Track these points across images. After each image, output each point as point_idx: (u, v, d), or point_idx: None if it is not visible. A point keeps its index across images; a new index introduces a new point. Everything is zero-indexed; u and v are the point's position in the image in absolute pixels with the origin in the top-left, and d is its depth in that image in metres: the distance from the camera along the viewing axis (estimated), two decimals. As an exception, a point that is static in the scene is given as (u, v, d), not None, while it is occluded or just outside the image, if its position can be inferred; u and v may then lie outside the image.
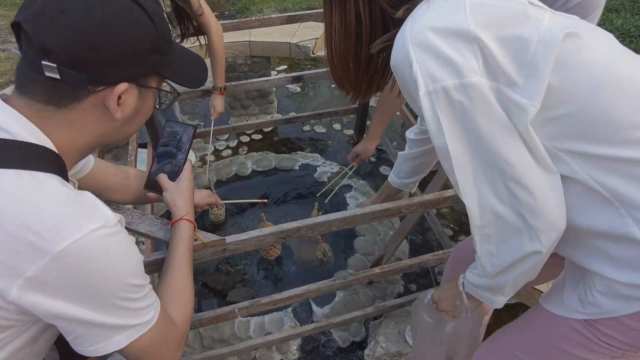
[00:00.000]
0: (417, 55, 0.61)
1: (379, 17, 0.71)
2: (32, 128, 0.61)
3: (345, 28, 0.73)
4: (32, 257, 0.54)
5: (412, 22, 0.64)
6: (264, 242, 1.07)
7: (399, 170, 1.25)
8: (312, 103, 3.20)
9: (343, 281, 1.39)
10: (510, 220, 0.63)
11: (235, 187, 2.40)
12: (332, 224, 1.11)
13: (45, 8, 0.58)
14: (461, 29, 0.59)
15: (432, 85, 0.60)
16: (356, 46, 0.75)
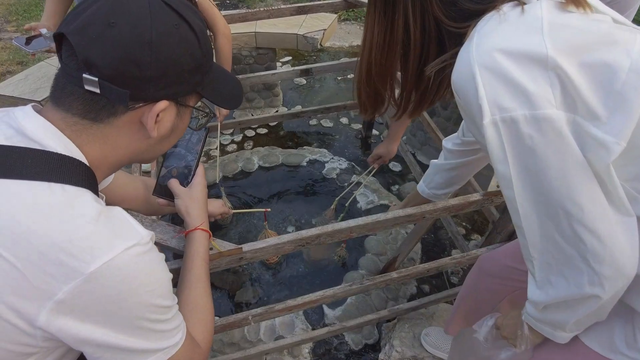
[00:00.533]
0: (485, 79, 0.54)
1: (432, 29, 0.64)
2: (65, 141, 0.58)
3: (389, 40, 0.67)
4: (63, 279, 0.51)
5: (480, 40, 0.57)
6: (282, 250, 1.02)
7: (431, 180, 1.16)
8: (318, 96, 3.13)
9: (360, 286, 1.34)
10: (571, 258, 0.57)
11: (242, 183, 2.34)
12: (352, 230, 1.05)
13: (92, 21, 0.56)
14: (537, 53, 0.52)
15: (499, 114, 0.54)
16: (403, 61, 0.68)
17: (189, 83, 0.63)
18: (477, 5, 0.61)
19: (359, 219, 1.05)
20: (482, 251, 1.45)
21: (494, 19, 0.58)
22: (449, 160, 1.11)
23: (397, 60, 0.69)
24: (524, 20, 0.56)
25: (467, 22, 0.61)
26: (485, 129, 0.55)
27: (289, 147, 2.60)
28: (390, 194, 2.26)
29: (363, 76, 0.73)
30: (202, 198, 0.93)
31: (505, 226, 1.42)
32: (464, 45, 0.60)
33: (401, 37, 0.65)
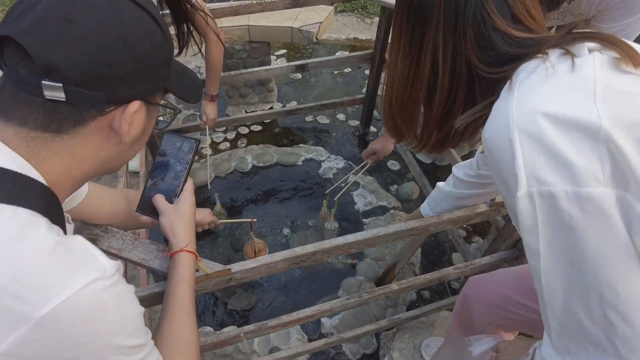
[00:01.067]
0: (524, 146, 0.48)
1: (464, 73, 0.58)
2: (18, 160, 0.51)
3: (414, 77, 0.61)
4: (8, 327, 0.43)
5: (522, 98, 0.50)
6: (275, 270, 0.94)
7: (437, 205, 1.08)
8: (314, 91, 3.03)
9: (358, 299, 1.27)
10: (597, 340, 0.50)
11: (235, 184, 2.26)
12: (351, 246, 0.98)
13: (46, 18, 0.49)
14: (588, 123, 0.45)
15: (537, 186, 0.47)
16: (427, 100, 0.62)
17: (158, 78, 0.58)
18: (517, 49, 0.54)
19: (358, 233, 0.98)
20: (486, 260, 1.38)
21: (539, 72, 0.50)
22: (458, 189, 1.02)
23: (420, 98, 0.63)
24: (574, 80, 0.48)
25: (503, 68, 0.54)
26: (519, 200, 0.49)
27: (284, 145, 2.51)
28: (389, 195, 2.19)
29: (386, 108, 0.68)
30: (190, 216, 0.85)
31: (510, 234, 1.35)
32: (501, 97, 0.52)
33: (427, 76, 0.59)
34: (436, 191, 1.09)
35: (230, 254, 2.09)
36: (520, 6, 0.56)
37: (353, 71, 3.20)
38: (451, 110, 0.62)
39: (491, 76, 0.56)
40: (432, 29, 0.57)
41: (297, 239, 2.12)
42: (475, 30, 0.56)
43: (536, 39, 0.55)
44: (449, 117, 0.63)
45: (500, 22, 0.55)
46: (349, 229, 2.10)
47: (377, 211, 2.08)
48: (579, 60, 0.50)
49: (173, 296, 0.76)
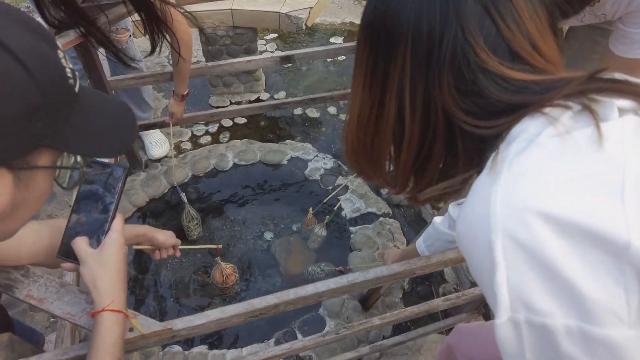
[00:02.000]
0: (509, 256, 0.33)
1: (440, 124, 0.43)
2: None
3: (377, 123, 0.47)
4: None
5: (511, 185, 0.35)
6: (229, 324, 0.79)
7: (432, 244, 0.93)
8: (305, 80, 2.83)
9: (336, 336, 1.13)
10: None
11: (213, 183, 2.09)
12: (322, 295, 0.83)
13: None
14: (611, 235, 0.30)
15: (525, 314, 0.33)
16: (395, 149, 0.48)
17: (23, 136, 0.41)
18: (515, 96, 0.39)
19: (330, 280, 0.83)
20: (481, 291, 1.24)
21: (541, 143, 0.35)
22: (453, 231, 0.86)
23: (386, 146, 0.48)
24: (593, 162, 0.32)
25: (498, 121, 0.39)
26: (498, 328, 0.35)
27: (270, 140, 2.34)
28: (380, 199, 2.03)
29: (347, 150, 0.54)
30: (117, 262, 0.69)
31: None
32: (482, 175, 0.38)
33: (391, 123, 0.45)
34: (432, 228, 0.93)
35: (208, 260, 1.95)
36: (521, 39, 0.40)
37: (347, 59, 2.99)
38: (425, 166, 0.48)
39: (477, 131, 0.41)
40: (398, 67, 0.43)
41: (279, 245, 1.97)
42: (454, 72, 0.40)
43: (544, 82, 0.39)
44: (425, 170, 0.48)
45: (490, 61, 0.39)
46: (334, 238, 1.95)
47: (366, 218, 1.93)
48: (606, 127, 0.34)
49: None
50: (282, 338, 1.55)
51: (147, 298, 1.78)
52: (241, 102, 2.57)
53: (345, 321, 1.57)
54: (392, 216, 1.97)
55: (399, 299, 1.70)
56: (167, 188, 2.00)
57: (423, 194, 0.49)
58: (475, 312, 1.53)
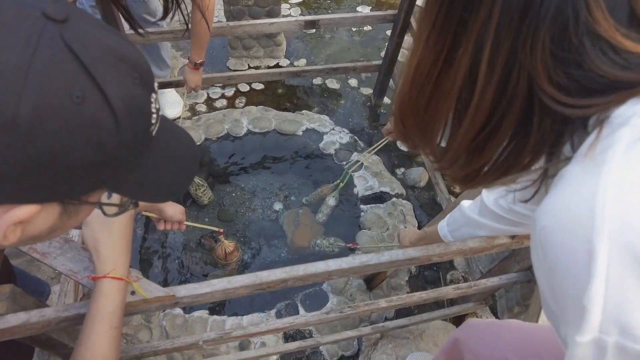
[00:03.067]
0: (616, 271, 0.28)
1: (519, 94, 0.35)
2: None
3: (440, 82, 0.39)
4: None
5: (630, 181, 0.29)
6: (234, 295, 0.76)
7: (457, 229, 0.87)
8: (327, 49, 2.73)
9: (339, 314, 1.10)
10: None
11: (226, 148, 2.05)
12: (332, 274, 0.79)
13: None
14: None
15: (618, 338, 0.29)
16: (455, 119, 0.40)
17: (87, 181, 0.39)
18: (625, 72, 0.32)
19: (342, 260, 0.79)
20: (493, 282, 1.20)
21: None
22: (483, 218, 0.80)
23: (445, 110, 0.41)
24: None
25: (592, 100, 0.32)
26: (577, 347, 0.30)
27: (286, 108, 2.27)
28: (394, 179, 1.98)
29: (396, 110, 0.46)
30: (121, 227, 0.66)
31: (528, 256, 1.15)
32: (580, 164, 0.32)
33: (459, 84, 0.37)
34: (459, 212, 0.87)
35: (217, 225, 1.93)
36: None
37: (373, 30, 2.87)
38: (486, 142, 0.40)
39: (565, 110, 0.34)
40: (480, 18, 0.35)
41: (287, 217, 1.94)
42: (555, 31, 0.33)
43: None
44: (484, 148, 0.41)
45: (604, 23, 0.32)
46: (343, 215, 1.91)
47: (378, 198, 1.88)
48: None
49: (86, 338, 0.59)
50: (283, 310, 1.54)
51: (153, 259, 1.78)
52: (260, 67, 2.49)
53: (348, 299, 1.56)
54: (405, 197, 1.91)
55: (404, 281, 1.67)
56: (178, 149, 1.96)
57: (470, 174, 0.43)
58: (483, 302, 1.50)
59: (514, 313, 1.57)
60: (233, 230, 1.93)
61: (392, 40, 1.96)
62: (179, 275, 1.77)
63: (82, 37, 0.34)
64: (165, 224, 0.95)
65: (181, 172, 0.49)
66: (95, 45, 0.35)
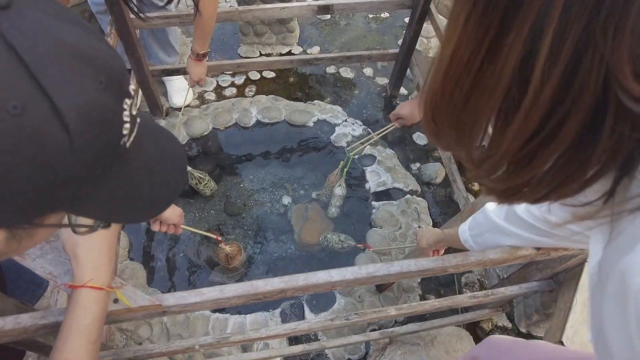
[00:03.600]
0: None
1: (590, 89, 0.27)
2: None
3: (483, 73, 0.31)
4: None
5: None
6: (227, 304, 0.70)
7: (480, 233, 0.78)
8: (342, 36, 2.62)
9: (345, 321, 1.03)
10: None
11: (234, 139, 1.98)
12: (335, 285, 0.72)
13: None
14: None
15: None
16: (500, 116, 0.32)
17: (39, 204, 0.32)
18: None
19: (347, 269, 0.71)
20: (512, 290, 1.11)
21: None
22: (511, 225, 0.70)
23: (487, 110, 0.32)
24: None
25: None
26: None
27: (297, 98, 2.18)
28: (408, 175, 1.88)
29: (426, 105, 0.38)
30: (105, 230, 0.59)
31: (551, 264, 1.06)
32: None
33: (506, 78, 0.29)
34: (482, 215, 0.78)
35: (222, 218, 1.88)
36: None
37: (391, 17, 2.74)
38: (541, 147, 0.32)
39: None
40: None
41: (296, 211, 1.88)
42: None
43: None
44: (535, 157, 0.32)
45: None
46: (355, 212, 1.83)
47: (391, 194, 1.79)
48: None
49: (59, 353, 0.53)
50: (288, 309, 1.48)
51: (156, 251, 1.73)
52: (272, 55, 2.41)
53: (356, 300, 1.49)
54: (420, 194, 1.82)
55: (417, 283, 1.59)
56: (185, 139, 1.91)
57: (511, 188, 0.35)
58: (500, 308, 1.41)
59: (532, 321, 1.48)
60: (240, 223, 1.87)
61: (410, 28, 1.85)
62: (186, 270, 1.72)
63: (28, 28, 0.27)
64: (160, 226, 0.89)
65: (164, 185, 0.41)
66: (46, 39, 0.27)
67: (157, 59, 1.97)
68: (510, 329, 1.53)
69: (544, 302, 1.39)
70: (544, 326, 1.44)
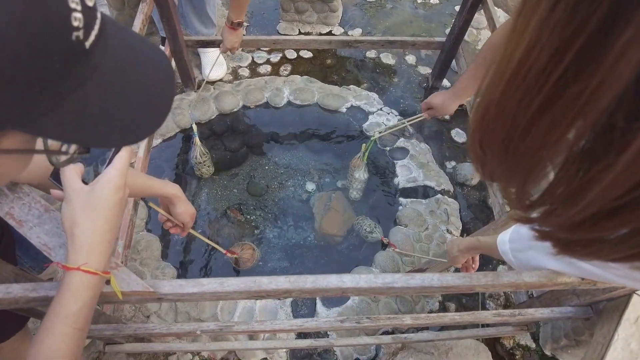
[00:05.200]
0: None
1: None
2: None
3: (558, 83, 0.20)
4: None
5: None
6: (226, 298, 0.64)
7: (521, 250, 0.69)
8: (387, 20, 2.49)
9: (355, 325, 0.97)
10: None
11: (263, 118, 1.93)
12: (346, 291, 0.65)
13: None
14: None
15: None
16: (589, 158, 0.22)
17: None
18: None
19: (361, 277, 0.64)
20: (543, 313, 1.01)
21: None
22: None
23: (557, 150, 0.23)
24: None
25: None
26: None
27: (332, 81, 2.09)
28: (442, 173, 1.77)
29: (475, 122, 0.28)
30: (105, 210, 0.55)
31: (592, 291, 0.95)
32: None
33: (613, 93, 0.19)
34: (525, 229, 0.69)
35: (244, 197, 1.85)
36: None
37: (441, 4, 2.58)
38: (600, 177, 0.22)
39: None
40: None
41: (318, 199, 1.81)
42: None
43: None
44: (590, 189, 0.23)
45: None
46: (379, 207, 1.75)
47: (421, 192, 1.69)
48: None
49: (42, 338, 0.50)
50: (300, 300, 1.43)
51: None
52: (311, 34, 2.32)
53: (371, 300, 1.42)
54: (452, 195, 1.71)
55: (437, 288, 1.50)
56: (215, 114, 1.87)
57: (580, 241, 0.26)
58: (525, 327, 1.30)
59: (559, 345, 1.36)
60: (261, 205, 1.83)
61: (461, 16, 1.71)
62: (202, 247, 1.70)
63: None
64: (168, 222, 0.84)
65: (146, 100, 0.34)
66: None
67: (193, 29, 1.92)
68: (533, 350, 1.43)
69: (575, 327, 1.27)
70: (572, 352, 1.33)
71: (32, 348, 0.51)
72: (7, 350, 1.00)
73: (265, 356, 1.32)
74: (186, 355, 1.27)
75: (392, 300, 1.44)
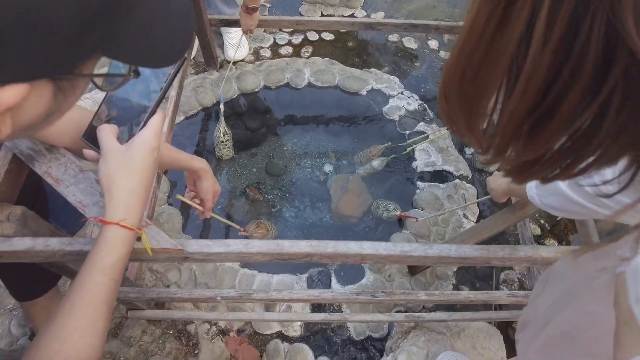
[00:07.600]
0: None
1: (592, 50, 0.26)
2: None
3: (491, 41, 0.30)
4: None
5: None
6: (250, 260, 0.67)
7: (546, 194, 0.72)
8: (410, 4, 2.46)
9: (370, 297, 0.99)
10: None
11: (284, 99, 1.94)
12: (365, 257, 0.67)
13: None
14: None
15: None
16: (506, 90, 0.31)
17: (77, 45, 0.32)
18: None
19: (380, 244, 0.66)
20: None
21: None
22: (575, 194, 0.63)
23: (493, 83, 0.31)
24: None
25: None
26: None
27: (353, 64, 2.09)
28: (461, 159, 1.77)
29: (442, 82, 0.37)
30: (141, 169, 0.58)
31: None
32: None
33: (513, 46, 0.28)
34: None
35: (262, 177, 1.88)
36: None
37: (467, -12, 2.53)
38: (544, 123, 0.30)
39: None
40: None
41: (336, 181, 1.83)
42: None
43: None
44: (538, 134, 0.30)
45: None
46: (396, 190, 1.76)
47: (439, 176, 1.69)
48: None
49: (79, 287, 0.53)
50: (315, 276, 1.46)
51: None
52: (333, 17, 2.31)
53: (386, 279, 1.44)
54: (469, 181, 1.71)
55: (452, 271, 1.51)
56: (236, 94, 1.89)
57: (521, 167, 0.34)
58: (539, 313, 1.30)
59: (573, 332, 1.36)
60: (279, 184, 1.86)
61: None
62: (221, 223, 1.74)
63: None
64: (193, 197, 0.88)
65: (177, 26, 0.40)
66: None
67: (216, 9, 1.94)
68: (546, 336, 1.43)
69: (591, 314, 1.27)
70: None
71: (68, 297, 0.54)
72: (38, 307, 1.06)
73: (281, 329, 1.36)
74: (204, 325, 1.32)
75: (406, 281, 1.46)
